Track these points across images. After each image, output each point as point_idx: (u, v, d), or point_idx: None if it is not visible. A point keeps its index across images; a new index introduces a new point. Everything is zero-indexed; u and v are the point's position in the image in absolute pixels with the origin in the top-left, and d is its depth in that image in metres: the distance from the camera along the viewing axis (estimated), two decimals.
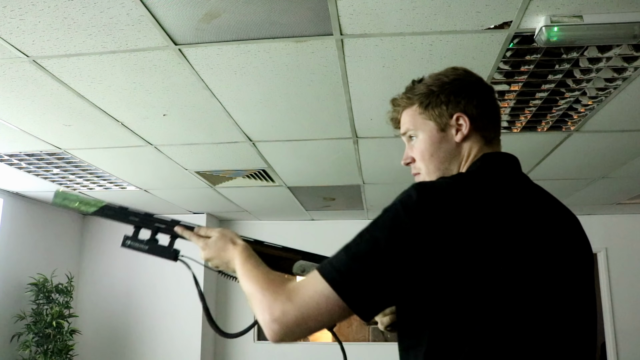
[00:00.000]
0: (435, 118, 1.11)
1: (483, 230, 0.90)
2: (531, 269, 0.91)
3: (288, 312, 0.92)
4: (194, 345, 5.80)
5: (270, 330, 0.92)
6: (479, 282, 0.88)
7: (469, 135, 1.09)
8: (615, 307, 5.92)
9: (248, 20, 1.98)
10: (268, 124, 3.13)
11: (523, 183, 1.06)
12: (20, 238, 5.10)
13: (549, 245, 0.95)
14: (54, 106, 2.81)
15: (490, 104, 1.14)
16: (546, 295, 0.92)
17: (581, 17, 1.91)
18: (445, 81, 1.14)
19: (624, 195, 5.06)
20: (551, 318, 0.92)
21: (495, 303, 0.89)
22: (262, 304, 0.95)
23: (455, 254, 0.88)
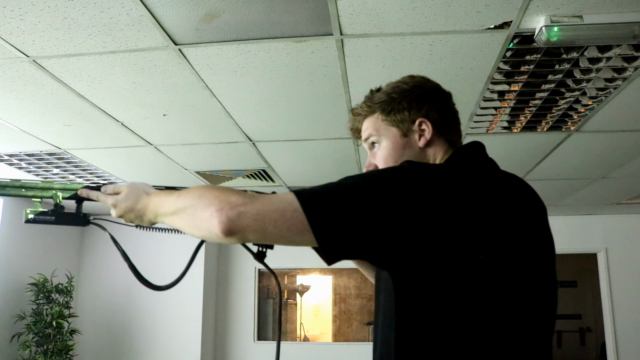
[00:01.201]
0: (398, 124, 1.11)
1: (466, 208, 0.89)
2: (510, 249, 0.92)
3: (250, 203, 0.87)
4: (194, 345, 5.80)
5: (225, 217, 0.85)
6: (456, 256, 0.88)
7: (432, 140, 1.11)
8: (615, 307, 5.93)
9: (248, 20, 1.98)
10: (268, 124, 3.13)
11: (494, 168, 1.08)
12: (20, 238, 5.10)
13: (524, 226, 0.96)
14: (54, 106, 2.81)
15: (450, 109, 1.15)
16: (523, 275, 0.93)
17: (581, 17, 1.91)
18: (405, 88, 1.14)
19: (624, 195, 5.06)
20: (527, 298, 0.93)
21: (472, 289, 0.89)
22: (218, 198, 0.88)
23: (435, 226, 0.87)
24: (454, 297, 0.89)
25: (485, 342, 0.89)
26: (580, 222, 6.18)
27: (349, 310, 7.13)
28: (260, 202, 0.88)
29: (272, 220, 0.86)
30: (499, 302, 0.90)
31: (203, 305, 5.90)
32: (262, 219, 0.86)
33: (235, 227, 0.85)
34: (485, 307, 0.89)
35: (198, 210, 0.90)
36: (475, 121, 3.09)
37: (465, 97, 2.73)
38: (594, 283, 7.10)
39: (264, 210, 0.86)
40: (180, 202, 0.96)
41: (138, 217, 1.07)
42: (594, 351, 8.39)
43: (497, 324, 0.90)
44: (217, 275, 6.46)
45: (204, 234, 0.90)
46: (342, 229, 0.85)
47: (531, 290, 0.94)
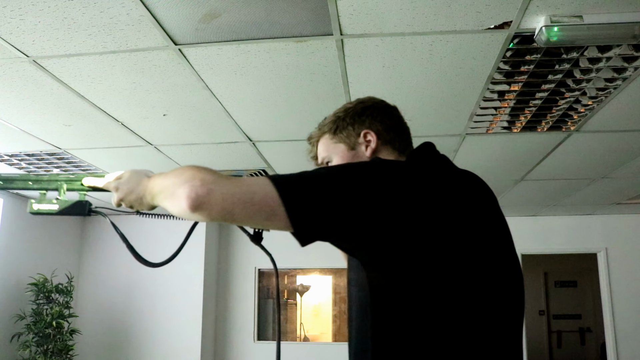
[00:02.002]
0: (344, 139, 1.19)
1: (428, 198, 0.94)
2: (471, 243, 0.96)
3: (221, 182, 0.88)
4: (194, 345, 5.80)
5: (194, 192, 0.86)
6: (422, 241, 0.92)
7: (379, 149, 1.16)
8: (615, 307, 5.93)
9: (248, 20, 1.98)
10: (268, 124, 3.13)
11: (448, 164, 1.13)
12: (20, 238, 5.10)
13: (482, 218, 1.01)
14: (54, 106, 2.81)
15: (394, 119, 1.22)
16: (485, 268, 0.97)
17: (581, 17, 1.91)
18: (349, 107, 1.23)
19: (624, 195, 5.06)
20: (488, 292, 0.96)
21: (438, 272, 0.93)
22: (192, 176, 0.89)
23: (402, 211, 0.91)
24: (423, 284, 0.93)
25: (457, 326, 0.92)
26: (580, 222, 6.18)
27: None
28: (233, 182, 0.89)
29: (241, 202, 0.87)
30: (462, 284, 0.94)
31: (203, 305, 5.90)
32: (230, 199, 0.86)
33: (202, 204, 0.86)
34: (450, 289, 0.93)
35: (176, 187, 0.91)
36: (475, 121, 3.09)
37: (465, 97, 2.73)
38: (594, 283, 7.10)
39: (233, 190, 0.87)
40: (166, 180, 0.98)
41: (138, 199, 1.07)
42: (594, 351, 8.39)
43: (465, 306, 0.93)
44: (217, 275, 6.46)
45: (177, 209, 0.91)
46: (315, 210, 0.88)
47: (492, 273, 0.98)
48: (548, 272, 8.64)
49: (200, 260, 5.94)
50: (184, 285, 5.89)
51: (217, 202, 0.86)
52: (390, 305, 0.95)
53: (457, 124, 3.13)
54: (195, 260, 5.93)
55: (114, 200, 1.12)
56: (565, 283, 8.70)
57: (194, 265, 5.92)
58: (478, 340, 0.93)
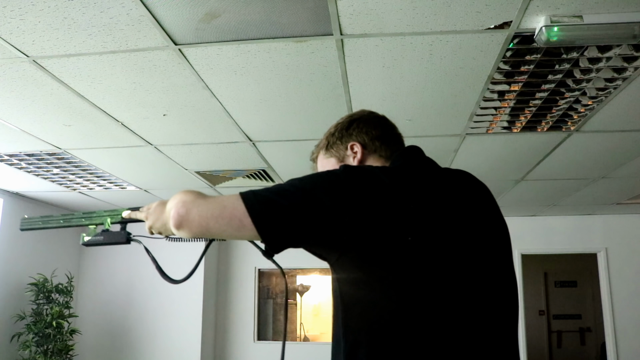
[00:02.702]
0: (334, 154, 1.28)
1: (393, 198, 0.99)
2: (443, 241, 0.99)
3: (197, 203, 0.99)
4: (194, 345, 5.80)
5: (176, 213, 0.98)
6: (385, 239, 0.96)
7: (365, 159, 1.24)
8: (615, 307, 5.93)
9: (248, 20, 1.98)
10: (268, 124, 3.13)
11: (432, 166, 1.17)
12: (20, 238, 5.09)
13: (462, 219, 1.04)
14: (54, 106, 2.81)
15: (380, 128, 1.28)
16: (459, 266, 0.99)
17: (581, 17, 1.91)
18: (339, 122, 1.30)
19: (624, 195, 5.06)
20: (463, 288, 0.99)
21: (408, 272, 0.96)
22: (179, 200, 1.01)
23: (364, 212, 0.95)
24: (385, 279, 0.97)
25: (419, 319, 0.95)
26: (580, 222, 6.18)
27: None
28: (207, 200, 1.00)
29: (213, 217, 0.97)
30: (430, 282, 0.97)
31: (203, 305, 5.90)
32: (205, 215, 0.97)
33: (183, 222, 0.98)
34: (417, 286, 0.96)
35: (170, 210, 1.02)
36: (475, 121, 3.09)
37: (465, 97, 2.73)
38: (594, 283, 7.10)
39: (206, 207, 0.98)
40: (168, 205, 1.09)
41: (163, 226, 1.17)
42: (594, 351, 8.39)
43: (428, 302, 0.96)
44: (217, 275, 6.47)
45: (170, 230, 1.04)
46: (279, 219, 0.95)
47: (468, 270, 1.00)
48: (548, 272, 8.64)
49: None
50: (184, 285, 5.88)
51: (194, 219, 0.97)
52: (357, 305, 1.00)
53: (457, 124, 3.13)
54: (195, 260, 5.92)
55: (146, 228, 1.24)
56: (565, 283, 8.70)
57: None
58: (449, 339, 0.95)
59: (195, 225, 0.97)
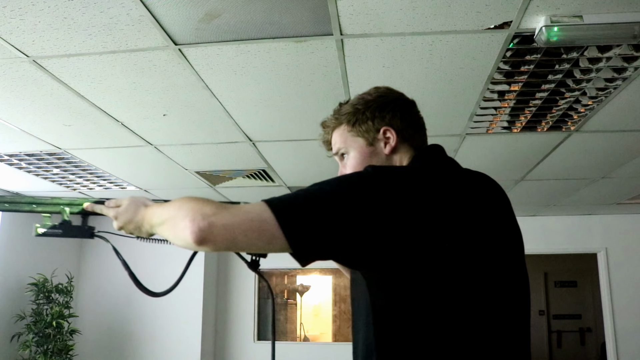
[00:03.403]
0: (363, 134, 1.17)
1: (428, 203, 0.94)
2: (476, 246, 0.96)
3: (220, 214, 0.90)
4: (194, 345, 5.80)
5: (197, 227, 0.89)
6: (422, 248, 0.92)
7: (397, 147, 1.16)
8: (615, 307, 5.93)
9: (248, 20, 1.98)
10: (268, 124, 3.13)
11: (456, 167, 1.12)
12: (20, 238, 5.09)
13: (489, 223, 1.01)
14: (54, 106, 2.81)
15: (414, 116, 1.21)
16: (491, 271, 0.96)
17: (581, 17, 1.91)
18: (369, 99, 1.20)
19: (624, 195, 5.06)
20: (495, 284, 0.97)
21: (442, 278, 0.92)
22: (192, 210, 0.91)
23: (399, 221, 0.91)
24: (425, 288, 0.93)
25: (459, 329, 0.92)
26: (580, 222, 6.18)
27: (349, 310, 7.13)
28: (231, 212, 0.91)
29: (242, 230, 0.89)
30: (470, 289, 0.94)
31: (203, 305, 5.90)
32: (231, 229, 0.89)
33: (206, 237, 0.89)
34: (456, 294, 0.93)
35: (177, 220, 0.93)
36: (475, 121, 3.09)
37: (465, 97, 2.73)
38: (594, 283, 7.10)
39: (233, 221, 0.90)
40: (165, 213, 1.02)
41: (137, 228, 1.12)
42: (594, 351, 8.39)
43: (470, 310, 0.93)
44: (217, 275, 6.47)
45: (182, 243, 0.94)
46: (312, 230, 0.89)
47: (498, 276, 0.98)
48: (548, 272, 8.64)
49: (200, 260, 5.94)
50: (184, 285, 5.83)
51: (220, 233, 0.89)
52: (390, 312, 0.95)
53: (457, 124, 3.13)
54: (195, 260, 5.91)
55: (114, 226, 1.17)
56: (565, 283, 8.70)
57: (194, 265, 5.90)
58: (482, 346, 0.93)
59: (220, 240, 0.89)
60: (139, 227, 1.11)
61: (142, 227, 1.11)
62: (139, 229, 1.12)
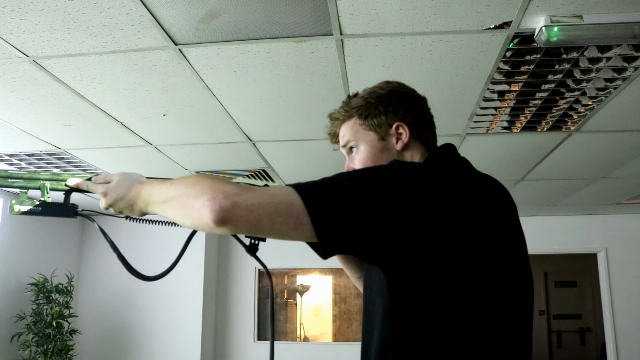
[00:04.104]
0: (375, 128, 1.14)
1: (455, 203, 0.92)
2: (496, 249, 0.95)
3: (245, 194, 0.84)
4: (194, 345, 5.80)
5: (218, 206, 0.82)
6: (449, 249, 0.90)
7: (409, 144, 1.13)
8: (615, 307, 5.93)
9: (248, 20, 1.98)
10: (268, 124, 3.13)
11: (469, 167, 1.10)
12: (20, 238, 5.10)
13: (504, 225, 1.00)
14: (54, 106, 2.81)
15: (426, 113, 1.19)
16: (508, 274, 0.97)
17: (581, 17, 1.91)
18: (381, 93, 1.16)
19: (624, 195, 5.06)
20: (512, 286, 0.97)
21: (465, 279, 0.91)
22: (212, 187, 0.85)
23: (428, 219, 0.89)
24: (448, 289, 0.91)
25: (479, 331, 0.92)
26: (580, 222, 6.18)
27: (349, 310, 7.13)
28: (256, 193, 0.85)
29: (267, 213, 0.84)
30: (491, 292, 0.93)
31: (203, 305, 5.90)
32: (256, 211, 0.83)
33: (227, 217, 0.83)
34: (479, 296, 0.92)
35: (190, 198, 0.87)
36: (475, 121, 3.09)
37: (465, 97, 2.73)
38: (594, 283, 7.10)
39: (258, 202, 0.84)
40: (173, 190, 0.94)
41: (129, 206, 1.03)
42: (594, 351, 8.39)
43: (490, 313, 0.93)
44: (217, 275, 6.46)
45: (195, 223, 0.88)
46: (341, 223, 0.85)
47: (514, 279, 0.98)
48: (548, 272, 8.64)
49: (200, 260, 5.94)
50: (184, 285, 5.89)
51: (243, 214, 0.83)
52: (410, 311, 0.93)
53: (457, 124, 3.13)
54: (195, 260, 5.94)
55: (102, 205, 1.07)
56: (565, 283, 8.69)
57: (194, 266, 5.92)
58: (497, 345, 0.94)
59: (243, 222, 0.83)
60: (131, 204, 1.03)
61: (136, 205, 1.02)
62: (130, 207, 1.03)
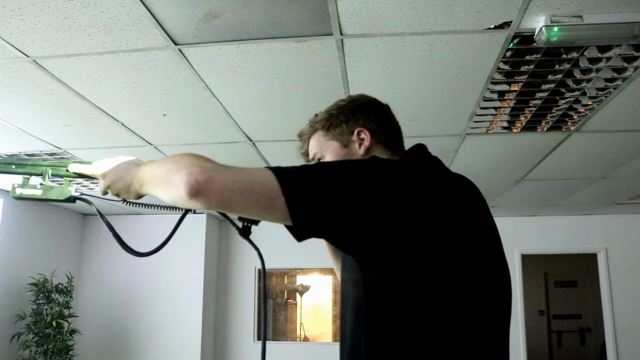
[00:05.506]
0: (337, 137, 1.18)
1: (428, 197, 0.95)
2: (467, 242, 0.97)
3: (221, 171, 0.87)
4: (194, 345, 5.80)
5: (194, 179, 0.85)
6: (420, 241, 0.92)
7: (372, 148, 1.16)
8: (615, 307, 5.93)
9: (248, 20, 1.98)
10: (268, 124, 3.13)
11: (442, 166, 1.14)
12: (20, 238, 5.10)
13: (474, 218, 1.03)
14: (54, 106, 2.81)
15: (387, 118, 1.22)
16: (479, 267, 0.98)
17: (581, 17, 1.91)
18: (342, 104, 1.21)
19: (623, 195, 5.06)
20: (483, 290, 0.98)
21: (435, 269, 0.93)
22: (191, 162, 0.88)
23: (402, 211, 0.91)
24: (418, 277, 0.93)
25: (449, 325, 0.93)
26: (580, 222, 6.18)
27: None
28: (233, 171, 0.89)
29: (240, 191, 0.86)
30: (459, 284, 0.94)
31: (203, 305, 5.90)
32: (230, 187, 0.86)
33: (201, 190, 0.85)
34: (447, 287, 0.94)
35: (172, 173, 0.89)
36: (475, 121, 3.09)
37: (465, 97, 2.73)
38: (594, 283, 7.10)
39: (233, 179, 0.87)
40: (159, 167, 0.97)
41: (125, 187, 1.05)
42: (594, 351, 8.39)
43: (459, 304, 0.94)
44: (217, 275, 6.46)
45: (173, 196, 0.89)
46: (315, 206, 0.87)
47: (484, 273, 0.99)
48: (548, 272, 8.64)
49: (200, 260, 5.94)
50: (184, 285, 5.89)
51: (217, 189, 0.85)
52: (384, 304, 0.95)
53: (457, 124, 3.13)
54: (195, 260, 5.94)
55: (100, 188, 1.10)
56: (565, 283, 8.69)
57: (194, 265, 5.92)
58: (470, 340, 0.95)
59: (216, 196, 0.85)
60: (128, 186, 1.05)
61: (132, 186, 1.05)
62: (127, 189, 1.05)
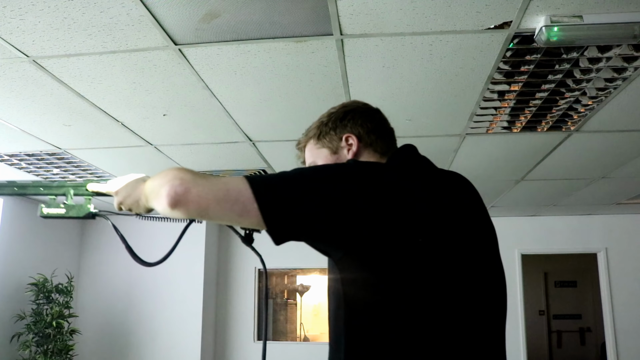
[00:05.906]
0: (327, 144, 1.23)
1: (403, 198, 0.97)
2: (449, 243, 0.98)
3: (197, 182, 0.93)
4: (194, 345, 5.80)
5: (173, 191, 0.91)
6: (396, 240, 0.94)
7: (360, 152, 1.19)
8: (615, 307, 5.93)
9: (248, 20, 1.98)
10: (268, 124, 3.13)
11: (430, 166, 1.15)
12: (20, 238, 5.10)
13: (462, 220, 1.03)
14: (54, 106, 2.81)
15: (376, 122, 1.24)
16: (464, 267, 0.98)
17: (581, 17, 1.91)
18: (332, 112, 1.26)
19: (624, 195, 5.06)
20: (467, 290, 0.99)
21: (417, 274, 0.94)
22: (174, 176, 0.94)
23: (376, 211, 0.93)
24: (393, 278, 0.94)
25: (429, 321, 0.94)
26: (580, 222, 6.18)
27: None
28: (209, 181, 0.94)
29: (216, 199, 0.91)
30: (439, 284, 0.95)
31: (203, 305, 5.90)
32: (205, 197, 0.91)
33: (179, 201, 0.91)
34: (428, 289, 0.94)
35: (160, 187, 0.96)
36: (475, 121, 3.09)
37: (465, 97, 2.73)
38: (594, 283, 7.10)
39: (209, 188, 0.92)
40: (153, 182, 1.03)
41: (135, 202, 1.12)
42: (594, 351, 8.39)
43: (439, 304, 0.95)
44: (217, 275, 6.46)
45: (160, 208, 0.96)
46: (286, 209, 0.91)
47: (471, 272, 1.00)
48: (548, 272, 8.64)
49: (200, 260, 5.94)
50: (184, 285, 5.89)
51: (194, 199, 0.91)
52: (362, 305, 0.97)
53: (457, 124, 3.13)
54: (195, 260, 5.93)
55: (115, 204, 1.18)
56: (565, 283, 8.70)
57: (194, 266, 5.92)
58: (452, 340, 0.95)
59: (193, 206, 0.91)
60: (136, 201, 1.12)
61: (140, 201, 1.11)
62: (137, 204, 1.12)
